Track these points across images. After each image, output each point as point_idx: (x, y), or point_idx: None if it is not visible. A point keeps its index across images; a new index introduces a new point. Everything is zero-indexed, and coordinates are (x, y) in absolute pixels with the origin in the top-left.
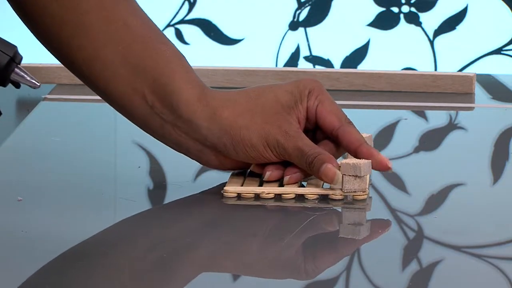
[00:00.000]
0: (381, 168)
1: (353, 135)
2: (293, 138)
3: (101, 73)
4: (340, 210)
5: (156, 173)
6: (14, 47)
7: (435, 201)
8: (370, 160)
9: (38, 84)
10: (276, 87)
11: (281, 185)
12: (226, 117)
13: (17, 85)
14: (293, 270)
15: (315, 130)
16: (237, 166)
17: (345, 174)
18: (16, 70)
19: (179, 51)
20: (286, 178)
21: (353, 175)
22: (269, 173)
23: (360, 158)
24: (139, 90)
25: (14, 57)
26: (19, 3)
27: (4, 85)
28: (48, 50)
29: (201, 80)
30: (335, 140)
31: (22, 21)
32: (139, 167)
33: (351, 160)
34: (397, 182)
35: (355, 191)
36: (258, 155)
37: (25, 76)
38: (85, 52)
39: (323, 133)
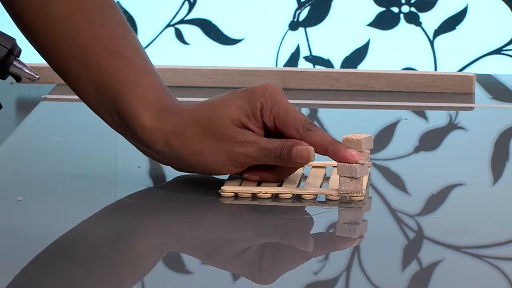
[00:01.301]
0: (350, 162)
1: (314, 141)
2: (252, 143)
3: (73, 85)
4: (337, 210)
5: (156, 173)
6: (12, 40)
7: (435, 201)
8: (366, 162)
9: (37, 76)
10: (227, 103)
11: (279, 185)
12: (176, 146)
13: (17, 77)
14: (286, 269)
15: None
16: None
17: (341, 176)
18: (15, 62)
19: (144, 59)
20: (245, 174)
21: (349, 177)
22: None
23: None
24: (106, 107)
25: (13, 49)
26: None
27: (3, 78)
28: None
29: (164, 92)
30: None
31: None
32: (139, 167)
33: None
34: (397, 182)
35: (351, 192)
36: (219, 172)
37: (24, 68)
38: (57, 63)
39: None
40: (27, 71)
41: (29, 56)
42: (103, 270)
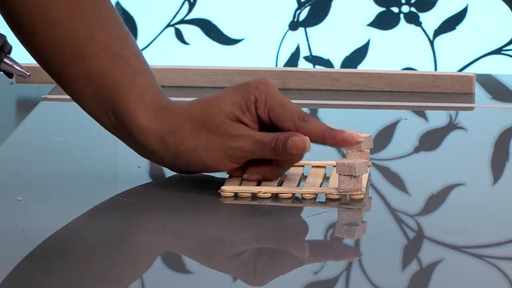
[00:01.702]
0: (350, 144)
1: (311, 130)
2: (247, 137)
3: (70, 87)
4: (336, 210)
5: (156, 172)
6: (3, 37)
7: (435, 201)
8: (366, 160)
9: (28, 73)
10: (221, 99)
11: (279, 184)
12: (172, 144)
13: (9, 75)
14: (288, 268)
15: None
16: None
17: (340, 174)
18: (6, 59)
19: (142, 60)
20: (245, 175)
21: (348, 175)
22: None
23: (330, 145)
24: (103, 109)
25: (3, 46)
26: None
27: None
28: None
29: (159, 92)
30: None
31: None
32: (139, 167)
33: (346, 160)
34: (397, 182)
35: (350, 191)
36: (216, 168)
37: (15, 65)
38: (54, 65)
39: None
40: (18, 68)
41: (27, 56)
42: (102, 269)
